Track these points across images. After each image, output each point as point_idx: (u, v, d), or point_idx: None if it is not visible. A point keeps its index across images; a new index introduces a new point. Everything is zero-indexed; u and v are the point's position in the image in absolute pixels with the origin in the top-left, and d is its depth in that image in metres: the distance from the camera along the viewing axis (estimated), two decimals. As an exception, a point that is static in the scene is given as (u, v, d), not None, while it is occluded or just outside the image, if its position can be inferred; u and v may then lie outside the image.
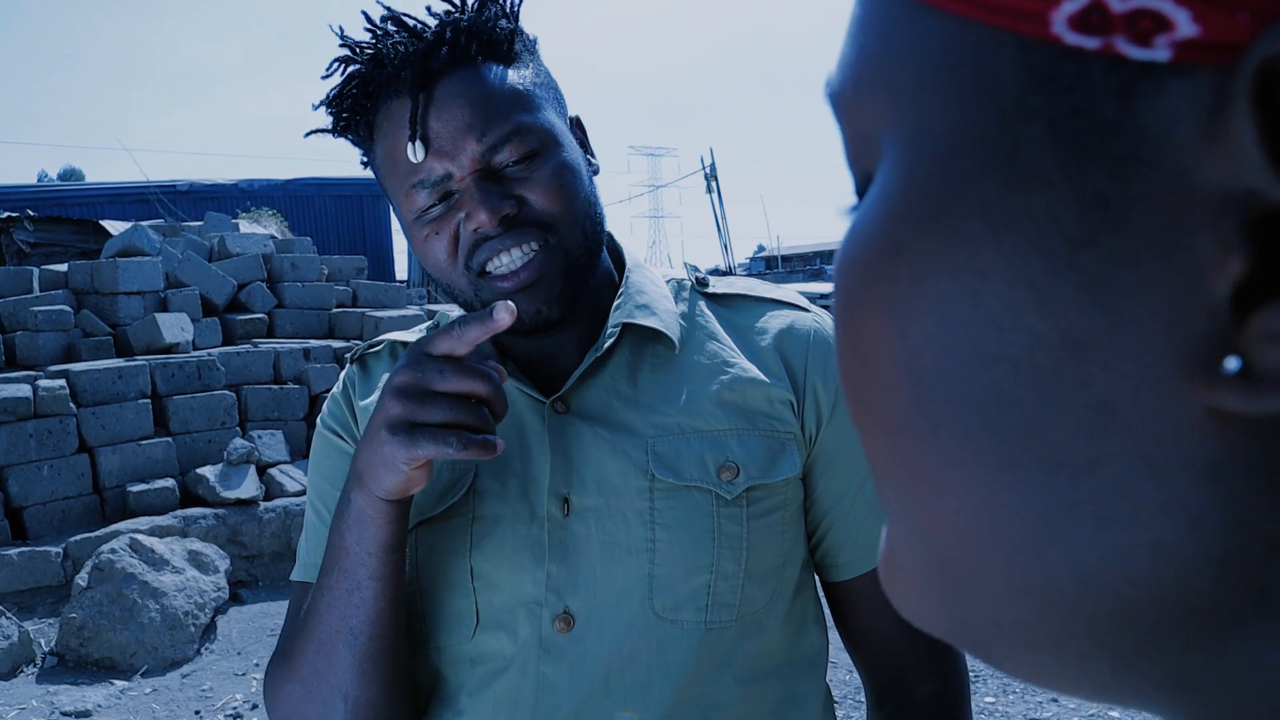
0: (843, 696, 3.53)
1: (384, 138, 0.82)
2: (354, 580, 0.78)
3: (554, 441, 0.84)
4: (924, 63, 0.22)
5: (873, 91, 0.23)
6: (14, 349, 6.03)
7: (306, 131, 0.90)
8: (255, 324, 7.03)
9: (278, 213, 12.40)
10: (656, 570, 0.81)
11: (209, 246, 7.66)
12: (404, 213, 0.83)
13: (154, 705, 3.83)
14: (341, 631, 0.79)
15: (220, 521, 5.16)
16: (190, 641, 4.28)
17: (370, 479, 0.75)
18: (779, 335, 0.88)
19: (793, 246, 57.06)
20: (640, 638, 0.81)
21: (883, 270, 0.23)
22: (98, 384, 5.50)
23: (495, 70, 0.80)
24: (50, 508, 5.19)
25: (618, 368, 0.86)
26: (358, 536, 0.78)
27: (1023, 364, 0.20)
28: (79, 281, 6.64)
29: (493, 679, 0.83)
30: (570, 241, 0.81)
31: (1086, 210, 0.19)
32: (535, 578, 0.82)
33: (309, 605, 0.82)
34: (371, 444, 0.75)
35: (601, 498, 0.82)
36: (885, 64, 0.23)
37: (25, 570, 4.71)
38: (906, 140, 0.22)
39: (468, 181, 0.79)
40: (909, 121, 0.22)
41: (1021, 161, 0.20)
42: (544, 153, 0.80)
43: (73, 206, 13.63)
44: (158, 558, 4.40)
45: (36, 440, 5.16)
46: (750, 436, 0.84)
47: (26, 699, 3.84)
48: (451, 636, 0.84)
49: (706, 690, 0.82)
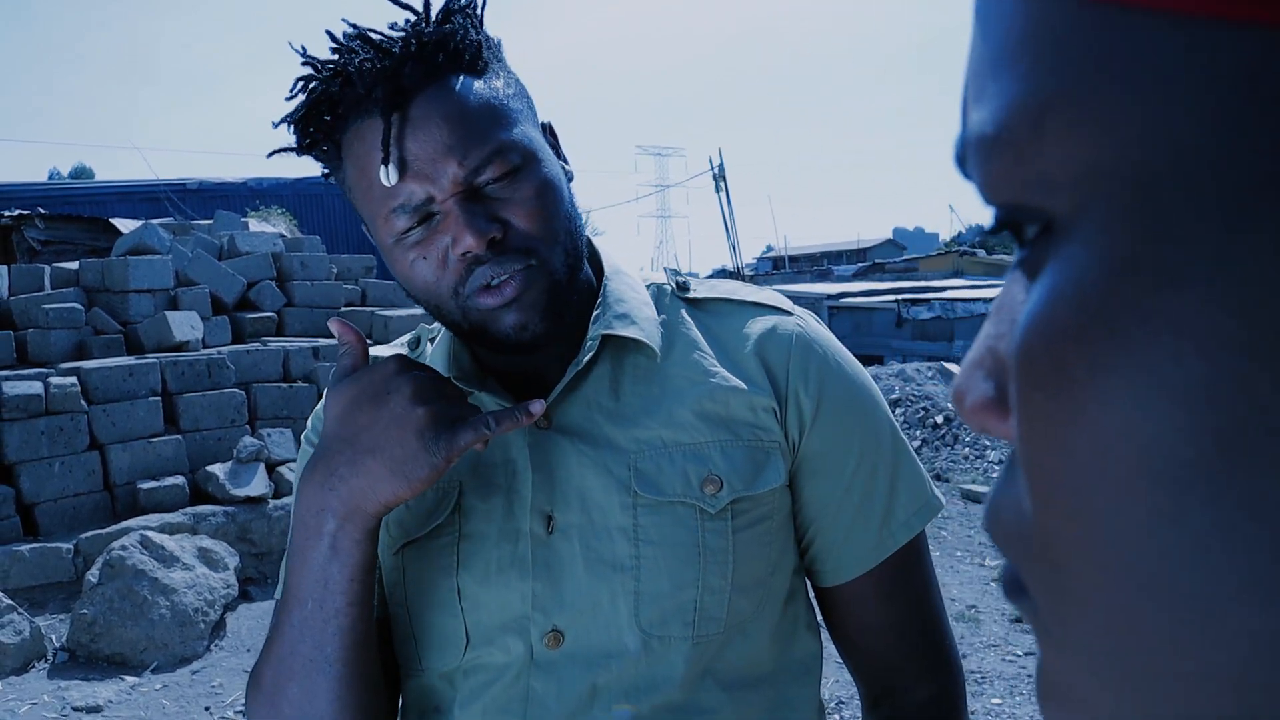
0: (850, 697, 3.53)
1: (356, 159, 0.78)
2: (331, 608, 0.77)
3: (535, 458, 0.83)
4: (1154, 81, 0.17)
5: (1069, 126, 0.19)
6: (25, 346, 6.07)
7: (270, 151, 0.85)
8: (265, 322, 7.06)
9: (287, 211, 12.42)
10: (642, 587, 0.80)
11: (219, 245, 7.68)
12: (382, 235, 0.80)
13: (164, 701, 3.85)
14: (318, 661, 0.78)
15: (230, 519, 5.18)
16: (200, 638, 4.30)
17: (368, 497, 0.75)
18: (760, 340, 0.87)
19: (801, 247, 56.95)
20: (627, 653, 0.80)
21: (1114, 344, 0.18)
22: (109, 381, 5.53)
23: (467, 84, 0.77)
24: (62, 504, 5.22)
25: (599, 380, 0.85)
26: (339, 566, 0.76)
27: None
28: (90, 279, 6.67)
29: (481, 691, 0.83)
30: (554, 262, 0.79)
31: None
32: (521, 595, 0.81)
33: (276, 635, 0.80)
34: (385, 457, 0.75)
35: (584, 514, 0.82)
36: (1090, 90, 0.18)
37: (37, 566, 4.74)
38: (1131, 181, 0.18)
39: (450, 204, 0.76)
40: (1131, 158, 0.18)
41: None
42: (525, 169, 0.78)
43: (83, 205, 13.69)
44: (168, 555, 4.43)
45: (48, 437, 5.19)
46: (734, 447, 0.83)
47: (38, 694, 3.87)
48: (441, 656, 0.84)
49: (694, 698, 0.81)
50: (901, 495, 0.88)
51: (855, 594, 0.89)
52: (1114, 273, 0.18)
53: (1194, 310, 0.17)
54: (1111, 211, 0.18)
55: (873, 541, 0.87)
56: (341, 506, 0.75)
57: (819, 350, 0.87)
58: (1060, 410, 0.19)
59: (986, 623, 4.32)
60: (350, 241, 15.00)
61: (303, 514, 0.78)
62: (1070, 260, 0.19)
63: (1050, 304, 0.19)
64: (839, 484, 0.86)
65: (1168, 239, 0.17)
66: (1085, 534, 0.19)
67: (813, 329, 0.89)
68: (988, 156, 0.21)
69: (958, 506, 6.05)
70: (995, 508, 0.23)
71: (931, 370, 9.05)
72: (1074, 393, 0.19)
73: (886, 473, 0.88)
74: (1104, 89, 0.18)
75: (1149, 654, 0.19)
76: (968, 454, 7.32)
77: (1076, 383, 0.19)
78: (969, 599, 4.53)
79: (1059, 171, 0.19)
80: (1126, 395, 0.18)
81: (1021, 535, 0.22)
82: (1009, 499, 0.23)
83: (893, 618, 0.90)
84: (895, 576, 0.89)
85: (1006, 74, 0.20)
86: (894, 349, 13.69)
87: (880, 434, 0.89)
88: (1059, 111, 0.19)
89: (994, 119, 0.20)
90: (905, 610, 0.90)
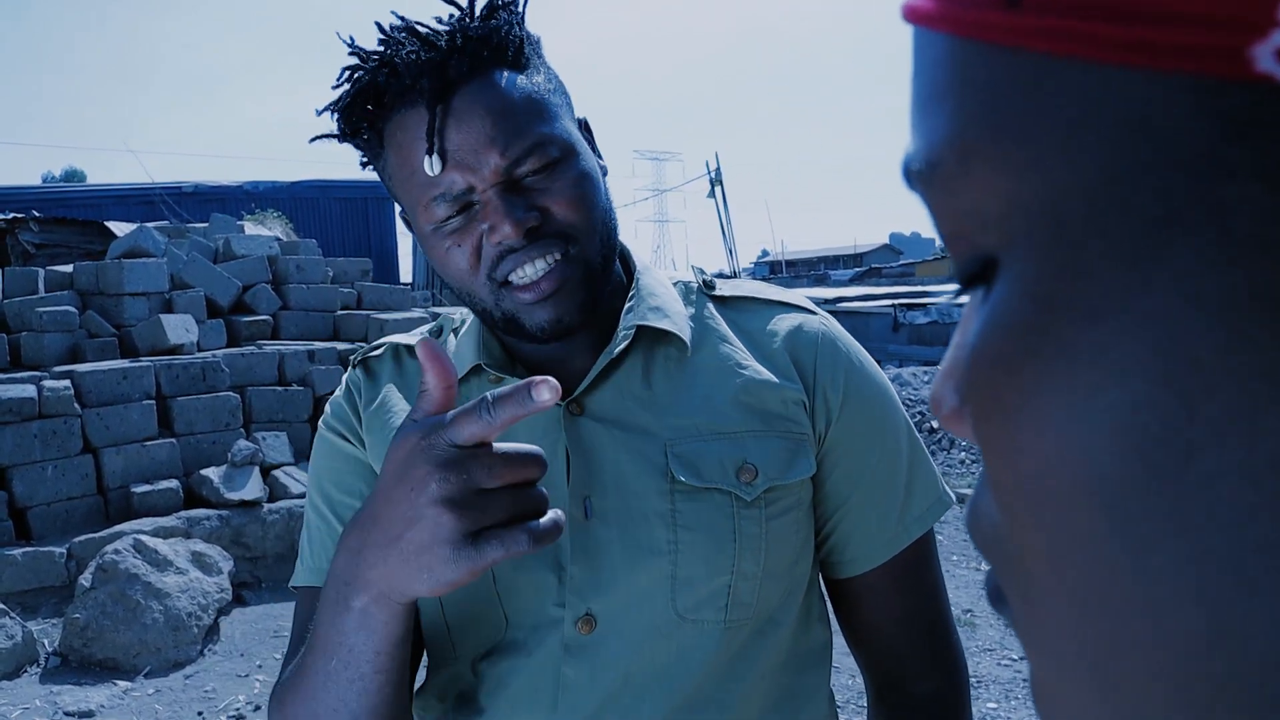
0: (845, 701, 3.52)
1: (398, 148, 0.81)
2: (356, 673, 0.72)
3: (571, 444, 0.84)
4: (1067, 121, 0.18)
5: (991, 164, 0.20)
6: (19, 349, 6.05)
7: (311, 137, 0.89)
8: (260, 326, 7.04)
9: (283, 215, 12.42)
10: (679, 571, 0.81)
11: (214, 248, 7.67)
12: (421, 223, 0.82)
13: (157, 706, 3.83)
14: (340, 711, 0.74)
15: (224, 523, 5.16)
16: (193, 643, 4.28)
17: (397, 589, 0.68)
18: (788, 337, 0.89)
19: (797, 251, 57.11)
20: (662, 638, 0.81)
21: (1042, 372, 0.19)
22: (102, 385, 5.51)
23: (510, 79, 0.80)
24: (54, 508, 5.20)
25: (631, 370, 0.86)
26: (365, 639, 0.71)
27: (1208, 447, 0.17)
28: (84, 282, 6.65)
29: (512, 677, 0.83)
30: (590, 250, 0.81)
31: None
32: (558, 580, 0.82)
33: (300, 668, 0.76)
34: (410, 559, 0.66)
35: (621, 500, 0.82)
36: (1008, 130, 0.19)
37: (29, 570, 4.72)
38: (1052, 218, 0.19)
39: (490, 194, 0.78)
40: (1053, 195, 0.19)
41: (1228, 227, 0.17)
42: (563, 162, 0.80)
43: (78, 208, 13.67)
44: (161, 559, 4.41)
45: (41, 441, 5.17)
46: (767, 438, 0.84)
47: (30, 699, 3.85)
48: (477, 643, 0.84)
49: (722, 685, 0.83)
50: (917, 490, 0.91)
51: (870, 586, 0.92)
52: (1036, 307, 0.19)
53: (1110, 342, 0.18)
54: (1033, 248, 0.19)
55: (890, 534, 0.90)
56: (370, 589, 0.69)
57: (843, 348, 0.90)
58: (1001, 433, 0.21)
59: (982, 627, 4.32)
60: (346, 245, 14.98)
61: (336, 571, 0.72)
62: (1002, 292, 0.20)
63: (986, 334, 0.21)
64: (861, 477, 0.89)
65: (1082, 275, 0.18)
66: (1042, 545, 0.20)
67: (835, 327, 0.92)
68: (926, 186, 0.22)
69: (954, 510, 6.05)
70: (974, 513, 0.24)
71: (928, 375, 9.06)
72: (1010, 417, 0.20)
73: (904, 467, 0.91)
74: (1021, 133, 0.19)
75: (1111, 659, 0.20)
76: (964, 458, 7.32)
77: (1011, 409, 0.20)
78: (964, 603, 4.53)
79: (987, 207, 0.20)
80: (1056, 420, 0.19)
81: (997, 540, 0.23)
82: (985, 504, 0.23)
83: (904, 610, 0.93)
84: (909, 570, 0.91)
85: (936, 110, 0.21)
86: (890, 354, 13.69)
87: (899, 429, 0.91)
88: (981, 153, 0.20)
89: (926, 155, 0.21)
90: (916, 603, 0.93)
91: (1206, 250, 0.17)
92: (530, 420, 0.84)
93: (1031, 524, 0.21)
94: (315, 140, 0.89)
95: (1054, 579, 0.20)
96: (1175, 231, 0.17)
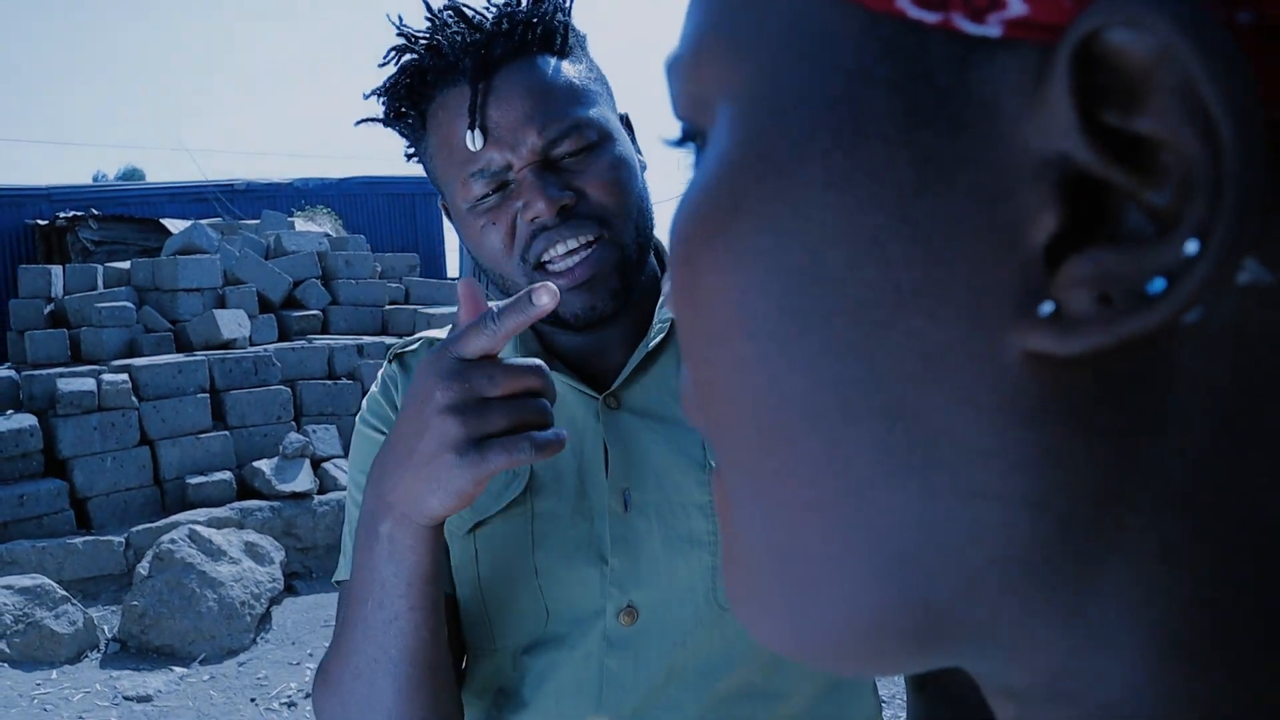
0: (890, 696, 3.50)
1: (439, 127, 0.82)
2: (392, 611, 0.74)
3: (610, 438, 0.84)
4: (771, 30, 0.23)
5: (714, 57, 0.24)
6: (79, 344, 6.21)
7: (357, 120, 0.90)
8: (310, 320, 7.15)
9: (332, 211, 12.56)
10: (720, 562, 0.81)
11: (265, 244, 7.79)
12: (458, 201, 0.82)
13: (211, 692, 3.92)
14: (381, 661, 0.75)
15: (275, 514, 5.26)
16: (246, 631, 4.37)
17: (415, 507, 0.70)
18: None
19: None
20: (704, 628, 0.81)
21: (722, 225, 0.23)
22: (158, 379, 5.63)
23: (552, 63, 0.81)
24: (113, 498, 5.34)
25: (667, 363, 0.86)
26: (395, 569, 0.73)
27: (859, 317, 0.21)
28: (141, 279, 6.81)
29: (555, 671, 0.82)
30: (625, 236, 0.81)
31: (920, 167, 0.20)
32: (600, 573, 0.82)
33: (343, 629, 0.78)
34: (421, 470, 0.68)
35: (660, 492, 0.83)
36: (729, 31, 0.24)
37: (90, 559, 4.85)
38: (748, 102, 0.23)
39: (525, 172, 0.79)
40: (751, 85, 0.23)
41: (864, 122, 0.21)
42: (601, 145, 0.81)
43: (133, 205, 13.93)
44: (215, 548, 4.50)
45: (100, 433, 5.31)
46: None
47: (91, 683, 3.96)
48: (519, 633, 0.84)
49: (767, 676, 0.82)
50: None
51: None
52: (729, 174, 0.23)
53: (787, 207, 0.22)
54: (730, 129, 0.23)
55: None
56: (392, 512, 0.72)
57: None
58: (687, 276, 0.24)
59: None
60: (394, 240, 15.12)
61: (366, 507, 0.74)
62: (703, 163, 0.25)
63: (685, 195, 0.25)
64: None
65: (765, 155, 0.22)
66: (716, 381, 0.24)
67: None
68: (673, 77, 0.26)
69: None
70: (683, 391, 0.28)
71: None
72: (696, 265, 0.24)
73: None
74: (740, 36, 0.23)
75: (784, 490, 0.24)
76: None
77: (696, 255, 0.24)
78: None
79: (708, 92, 0.25)
80: (731, 265, 0.23)
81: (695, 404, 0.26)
82: (684, 375, 0.27)
83: None
84: None
85: (689, 17, 0.26)
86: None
87: None
88: (710, 46, 0.24)
89: (677, 50, 0.26)
90: None
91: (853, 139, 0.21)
92: (569, 415, 0.84)
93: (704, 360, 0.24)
94: (360, 123, 0.90)
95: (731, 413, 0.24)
96: (837, 118, 0.21)
